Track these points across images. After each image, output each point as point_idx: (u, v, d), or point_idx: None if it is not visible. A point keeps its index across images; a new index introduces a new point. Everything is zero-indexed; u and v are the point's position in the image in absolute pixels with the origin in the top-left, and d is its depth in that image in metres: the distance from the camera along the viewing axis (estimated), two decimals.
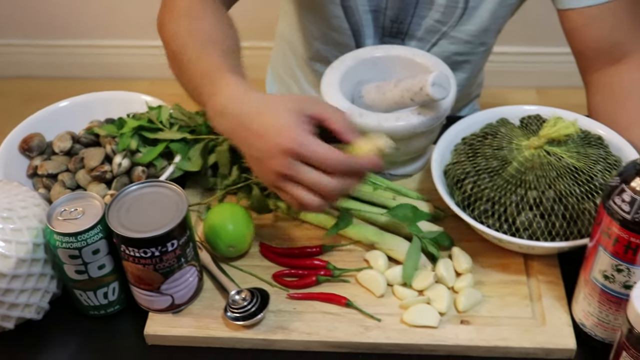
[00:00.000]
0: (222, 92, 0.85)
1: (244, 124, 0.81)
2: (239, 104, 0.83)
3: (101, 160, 0.99)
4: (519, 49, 2.35)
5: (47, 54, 2.63)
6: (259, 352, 0.85)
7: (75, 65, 2.62)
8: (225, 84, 0.85)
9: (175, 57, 0.94)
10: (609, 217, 0.72)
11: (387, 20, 1.13)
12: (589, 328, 0.82)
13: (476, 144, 0.94)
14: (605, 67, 1.05)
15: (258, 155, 0.80)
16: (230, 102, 0.83)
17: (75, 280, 0.85)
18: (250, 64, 1.01)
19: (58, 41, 2.59)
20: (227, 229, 0.91)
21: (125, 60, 2.57)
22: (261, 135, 0.79)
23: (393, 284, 0.89)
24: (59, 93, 1.23)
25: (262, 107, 0.81)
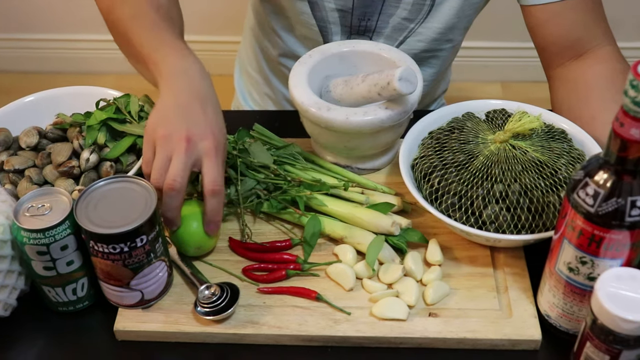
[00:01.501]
0: (182, 55, 0.91)
1: (200, 96, 0.87)
2: (200, 76, 0.89)
3: (69, 155, 0.98)
4: (484, 43, 2.36)
5: (9, 47, 2.58)
6: (229, 346, 0.85)
7: (39, 60, 2.59)
8: (182, 48, 0.92)
9: (117, 26, 1.01)
10: (574, 210, 0.73)
11: (355, 18, 1.13)
12: (554, 319, 0.83)
13: (443, 138, 0.95)
14: (568, 62, 1.06)
15: (183, 125, 0.84)
16: (193, 68, 0.89)
17: (44, 276, 0.84)
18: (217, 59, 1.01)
19: (21, 35, 2.55)
20: (191, 230, 0.89)
21: (91, 55, 2.54)
22: (204, 117, 0.86)
23: (362, 278, 0.89)
24: (22, 88, 1.22)
25: (213, 98, 0.89)
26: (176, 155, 0.83)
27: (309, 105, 0.95)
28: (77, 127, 1.02)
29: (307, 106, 0.96)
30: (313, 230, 0.92)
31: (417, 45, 1.16)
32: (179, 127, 0.84)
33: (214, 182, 0.84)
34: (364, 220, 0.92)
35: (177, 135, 0.84)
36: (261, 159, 0.98)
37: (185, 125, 0.84)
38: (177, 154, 0.83)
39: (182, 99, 0.87)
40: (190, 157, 0.83)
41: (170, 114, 0.86)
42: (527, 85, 2.36)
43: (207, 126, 0.85)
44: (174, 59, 0.91)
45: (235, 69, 1.45)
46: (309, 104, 0.96)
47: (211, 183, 0.84)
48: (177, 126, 0.84)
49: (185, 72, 0.89)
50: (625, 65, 1.03)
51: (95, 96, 1.06)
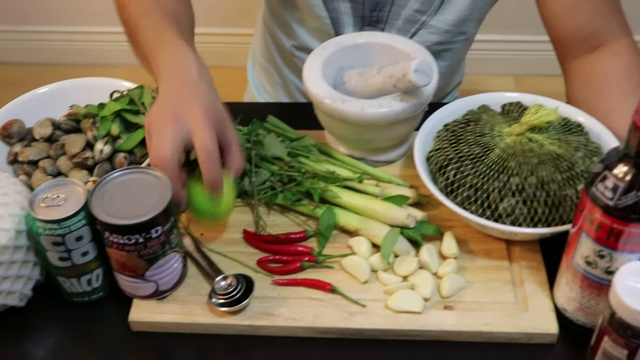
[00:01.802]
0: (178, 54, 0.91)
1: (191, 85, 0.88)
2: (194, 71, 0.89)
3: (82, 146, 0.98)
4: (497, 37, 2.35)
5: (23, 40, 2.59)
6: (244, 337, 0.85)
7: (52, 52, 2.59)
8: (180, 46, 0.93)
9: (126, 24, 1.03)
10: (592, 203, 0.72)
11: (366, 10, 1.12)
12: (570, 313, 0.83)
13: (458, 131, 0.94)
14: (583, 55, 1.05)
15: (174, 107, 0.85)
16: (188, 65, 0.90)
17: (59, 267, 0.84)
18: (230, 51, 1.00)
19: (34, 27, 2.56)
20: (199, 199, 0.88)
21: (103, 47, 2.54)
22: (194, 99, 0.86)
23: (377, 270, 0.89)
24: (35, 79, 1.21)
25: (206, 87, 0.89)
26: (164, 131, 0.83)
27: (324, 97, 0.95)
28: (90, 118, 1.01)
29: (321, 98, 0.95)
30: (328, 222, 0.92)
31: (430, 37, 1.16)
32: (167, 110, 0.85)
33: (204, 147, 0.83)
34: (379, 213, 0.92)
35: (165, 114, 0.85)
36: (275, 152, 0.98)
37: (172, 105, 0.85)
38: (165, 129, 0.83)
39: (176, 92, 0.88)
40: (176, 130, 0.83)
41: (165, 104, 0.87)
42: (540, 78, 2.35)
43: (195, 103, 0.85)
44: (170, 58, 0.91)
45: (249, 60, 1.45)
46: (324, 96, 0.95)
47: (202, 147, 0.83)
48: (166, 110, 0.85)
49: (179, 70, 0.90)
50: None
51: (109, 87, 1.06)
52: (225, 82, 0.91)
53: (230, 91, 0.97)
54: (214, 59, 1.61)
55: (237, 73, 1.77)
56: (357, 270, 0.88)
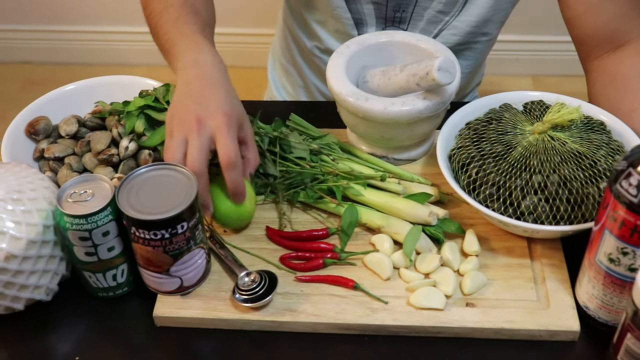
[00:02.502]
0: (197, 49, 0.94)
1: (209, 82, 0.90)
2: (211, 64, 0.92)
3: (108, 143, 0.99)
4: (516, 37, 2.35)
5: (46, 39, 2.61)
6: (267, 333, 0.86)
7: (74, 51, 2.61)
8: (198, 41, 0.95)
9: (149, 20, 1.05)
10: (616, 200, 0.73)
11: (390, 11, 1.13)
12: (592, 310, 0.83)
13: (481, 129, 0.94)
14: (606, 55, 1.05)
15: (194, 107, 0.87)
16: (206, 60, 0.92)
17: (85, 262, 0.85)
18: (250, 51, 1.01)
19: (56, 27, 2.58)
20: (227, 205, 0.91)
21: (123, 47, 2.56)
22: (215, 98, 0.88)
23: (399, 267, 0.89)
24: (57, 79, 1.23)
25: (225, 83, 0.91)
26: (190, 139, 0.85)
27: (347, 95, 0.96)
28: (115, 115, 1.02)
29: (345, 96, 0.96)
30: (350, 219, 0.92)
31: (452, 38, 1.16)
32: (190, 111, 0.87)
33: (228, 155, 0.85)
34: (401, 210, 0.92)
35: (188, 119, 0.86)
36: (297, 152, 0.99)
37: (195, 107, 0.87)
38: (191, 137, 0.85)
39: (193, 85, 0.90)
40: (203, 138, 0.85)
41: (183, 101, 0.89)
42: (558, 79, 2.34)
43: (217, 106, 0.87)
44: (188, 52, 0.94)
45: (269, 60, 1.46)
46: (347, 94, 0.96)
47: (226, 156, 0.85)
48: (188, 110, 0.87)
49: (196, 63, 0.92)
50: None
51: (134, 85, 1.07)
52: (245, 82, 0.92)
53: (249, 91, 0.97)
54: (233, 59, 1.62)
55: (256, 73, 1.78)
56: (379, 268, 0.89)
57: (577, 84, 1.12)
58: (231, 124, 0.87)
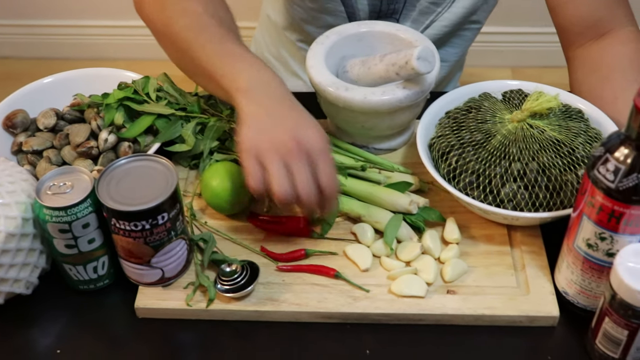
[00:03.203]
0: (258, 69, 0.87)
1: (286, 101, 0.84)
2: (278, 84, 0.86)
3: (87, 136, 0.99)
4: (495, 28, 2.35)
5: (24, 34, 2.59)
6: (249, 323, 0.86)
7: (50, 46, 2.59)
8: (255, 61, 0.88)
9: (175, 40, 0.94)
10: (593, 186, 0.73)
11: (384, 3, 1.13)
12: (571, 296, 0.84)
13: (460, 118, 0.95)
14: (588, 43, 1.06)
15: (284, 128, 0.81)
16: (272, 78, 0.86)
17: (65, 254, 0.85)
18: None
19: (35, 21, 2.56)
20: (226, 186, 0.92)
21: (102, 41, 2.54)
22: (301, 116, 0.83)
23: (380, 256, 0.90)
24: (36, 73, 1.22)
25: (297, 100, 0.86)
26: (295, 166, 0.79)
27: (327, 85, 0.96)
28: (94, 108, 1.02)
29: (324, 86, 0.96)
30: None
31: (443, 29, 1.16)
32: (281, 133, 0.81)
33: (330, 182, 0.81)
34: (382, 199, 0.93)
35: (282, 142, 0.80)
36: None
37: (286, 128, 0.81)
38: (294, 162, 0.80)
39: (270, 106, 0.84)
40: (306, 161, 0.80)
41: (264, 123, 0.82)
42: (538, 70, 2.36)
43: (307, 124, 0.82)
44: (251, 73, 0.86)
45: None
46: (327, 84, 0.96)
47: (329, 184, 0.81)
48: (278, 132, 0.81)
49: (264, 84, 0.85)
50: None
51: (112, 78, 1.06)
52: None
53: None
54: None
55: None
56: (359, 258, 0.89)
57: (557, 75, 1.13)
58: (329, 144, 0.82)
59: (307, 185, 0.80)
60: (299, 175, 0.80)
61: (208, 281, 0.86)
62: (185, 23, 0.93)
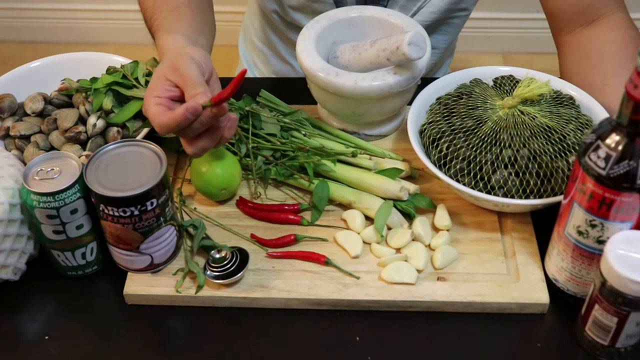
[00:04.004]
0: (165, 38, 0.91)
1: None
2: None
3: (75, 121, 0.98)
4: (486, 14, 2.35)
5: (11, 17, 2.57)
6: (239, 310, 0.86)
7: (38, 30, 2.57)
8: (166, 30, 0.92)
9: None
10: (584, 173, 0.73)
11: None
12: (561, 283, 0.84)
13: (451, 104, 0.95)
14: (578, 29, 1.05)
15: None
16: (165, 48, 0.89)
17: (53, 240, 0.84)
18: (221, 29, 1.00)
19: (22, 4, 2.53)
20: (216, 172, 0.92)
21: (92, 25, 2.52)
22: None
23: (371, 242, 0.90)
24: (23, 58, 1.21)
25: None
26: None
27: (317, 71, 0.95)
28: (83, 92, 1.01)
29: (315, 71, 0.95)
30: (321, 195, 0.92)
31: (431, 16, 1.16)
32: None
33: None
34: (373, 186, 0.93)
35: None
36: (268, 129, 0.98)
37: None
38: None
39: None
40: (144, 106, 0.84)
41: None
42: (529, 56, 2.36)
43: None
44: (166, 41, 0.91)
45: (240, 39, 1.44)
46: (317, 69, 0.95)
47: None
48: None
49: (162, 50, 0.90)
50: (636, 32, 1.02)
51: (101, 62, 1.05)
52: (215, 60, 0.91)
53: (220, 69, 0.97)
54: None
55: (225, 51, 1.77)
56: (349, 245, 0.89)
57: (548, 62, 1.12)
58: (148, 95, 0.85)
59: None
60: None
61: (197, 267, 0.86)
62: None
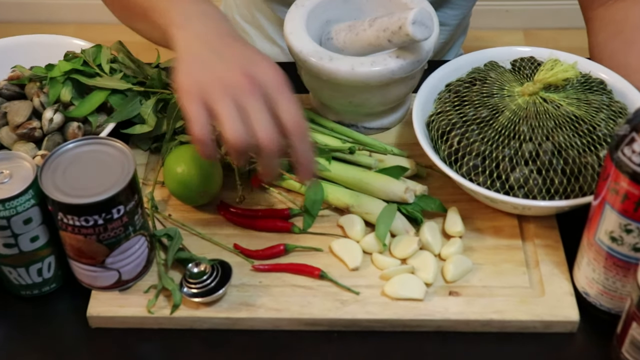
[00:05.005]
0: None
1: (230, 33, 0.83)
2: (219, 16, 0.86)
3: (28, 115, 0.98)
4: None
5: None
6: (221, 332, 0.86)
7: None
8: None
9: None
10: (617, 170, 0.73)
11: None
12: (593, 297, 0.84)
13: (463, 91, 0.95)
14: (611, 1, 1.05)
15: (231, 63, 0.79)
16: (211, 10, 0.86)
17: (4, 255, 0.84)
18: None
19: None
20: (193, 173, 0.92)
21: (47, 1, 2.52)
22: (248, 49, 0.81)
23: (372, 252, 0.90)
24: None
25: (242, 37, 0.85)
26: (250, 105, 0.76)
27: (308, 55, 0.95)
28: (37, 82, 1.01)
29: (305, 55, 0.95)
30: (314, 197, 0.92)
31: None
32: (228, 67, 0.78)
33: (297, 122, 0.77)
34: (373, 187, 0.93)
35: (231, 78, 0.77)
36: None
37: (233, 63, 0.79)
38: (249, 101, 0.76)
39: (211, 38, 0.82)
40: (263, 100, 0.77)
41: (206, 58, 0.80)
42: (554, 32, 2.36)
43: (257, 57, 0.80)
44: (186, 4, 0.87)
45: None
46: (308, 53, 0.95)
47: (295, 124, 0.77)
48: (224, 67, 0.79)
49: (203, 14, 0.85)
50: None
51: (58, 46, 1.06)
52: None
53: None
54: None
55: None
56: (347, 255, 0.89)
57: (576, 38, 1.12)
58: (285, 77, 0.78)
59: (266, 125, 0.76)
60: (255, 114, 0.76)
61: (173, 284, 0.86)
62: None
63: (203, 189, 0.93)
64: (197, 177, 0.92)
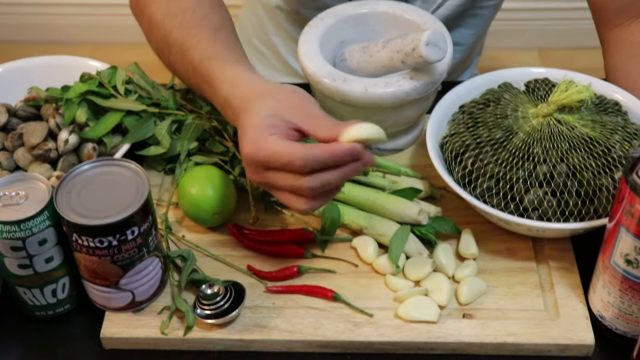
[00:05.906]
0: (222, 84, 0.88)
1: (236, 120, 0.85)
2: (236, 96, 0.86)
3: (44, 136, 0.99)
4: (519, 4, 2.36)
5: None
6: (234, 354, 0.86)
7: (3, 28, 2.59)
8: (221, 73, 0.89)
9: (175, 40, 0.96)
10: (632, 192, 0.73)
11: None
12: (608, 321, 0.84)
13: (477, 113, 0.95)
14: (628, 23, 1.05)
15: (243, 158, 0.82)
16: (229, 94, 0.87)
17: (19, 276, 0.85)
18: None
19: None
20: (207, 195, 0.93)
21: (61, 22, 2.54)
22: (240, 137, 0.83)
23: (385, 274, 0.90)
24: None
25: (244, 103, 0.84)
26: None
27: (322, 76, 0.96)
28: (53, 103, 1.02)
29: (319, 77, 0.96)
30: (332, 217, 0.92)
31: (457, 8, 1.16)
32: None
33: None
34: (387, 208, 0.93)
35: (248, 170, 0.82)
36: None
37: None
38: (256, 167, 0.80)
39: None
40: (261, 149, 0.79)
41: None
42: (569, 52, 2.36)
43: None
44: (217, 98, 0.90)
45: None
46: (322, 74, 0.96)
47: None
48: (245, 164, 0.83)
49: (227, 105, 0.88)
50: None
51: (73, 68, 1.06)
52: None
53: None
54: None
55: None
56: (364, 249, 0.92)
57: (592, 58, 1.12)
58: (258, 138, 0.80)
59: (300, 189, 0.79)
60: (284, 188, 0.80)
61: (186, 305, 0.86)
62: (178, 35, 0.95)
63: (217, 210, 0.94)
64: (211, 199, 0.93)
